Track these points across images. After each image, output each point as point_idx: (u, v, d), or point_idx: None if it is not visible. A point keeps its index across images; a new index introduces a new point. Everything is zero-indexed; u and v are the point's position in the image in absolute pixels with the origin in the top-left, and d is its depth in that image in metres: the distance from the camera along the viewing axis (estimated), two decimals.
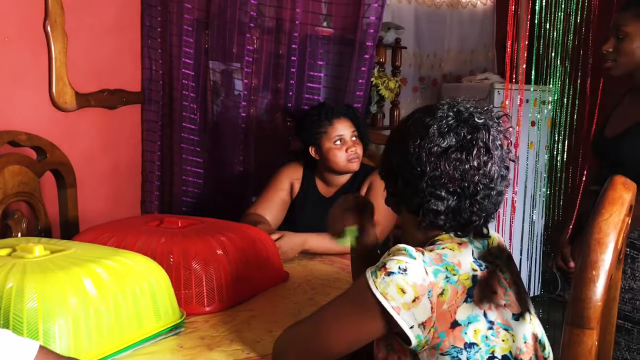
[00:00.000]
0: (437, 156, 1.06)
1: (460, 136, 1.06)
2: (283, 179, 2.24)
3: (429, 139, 1.06)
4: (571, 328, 0.81)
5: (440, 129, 1.07)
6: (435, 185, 1.06)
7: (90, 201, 2.52)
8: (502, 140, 1.10)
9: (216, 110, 2.76)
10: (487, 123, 1.08)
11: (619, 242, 0.85)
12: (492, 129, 1.08)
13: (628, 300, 1.85)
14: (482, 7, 4.54)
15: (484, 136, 1.06)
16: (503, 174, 1.09)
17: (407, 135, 1.10)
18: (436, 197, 1.06)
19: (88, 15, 2.54)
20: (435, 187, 1.06)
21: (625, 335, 1.86)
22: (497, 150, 1.08)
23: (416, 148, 1.07)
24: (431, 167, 1.06)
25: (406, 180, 1.10)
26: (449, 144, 1.06)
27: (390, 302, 0.99)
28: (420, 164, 1.07)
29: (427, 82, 4.31)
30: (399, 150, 1.11)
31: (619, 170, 1.06)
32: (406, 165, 1.09)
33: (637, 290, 1.84)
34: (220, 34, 2.67)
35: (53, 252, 1.26)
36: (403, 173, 1.10)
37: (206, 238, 1.51)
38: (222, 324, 1.38)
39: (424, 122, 1.09)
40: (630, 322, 1.85)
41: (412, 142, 1.08)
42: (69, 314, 1.10)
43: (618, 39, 1.83)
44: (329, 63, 2.66)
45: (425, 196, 1.07)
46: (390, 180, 1.15)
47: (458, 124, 1.07)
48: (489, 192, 1.07)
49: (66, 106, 2.46)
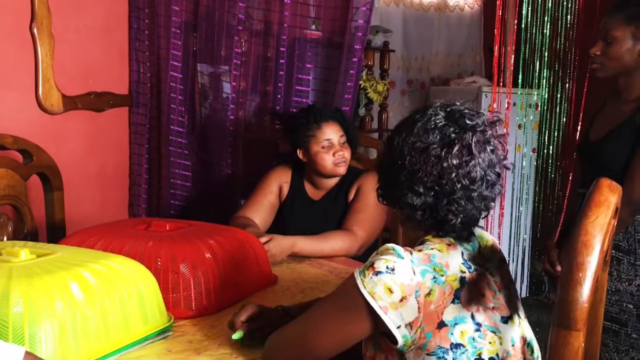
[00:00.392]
0: (418, 151, 1.07)
1: (445, 134, 1.06)
2: (271, 182, 2.24)
3: (414, 134, 1.08)
4: (558, 329, 0.82)
5: (425, 125, 1.08)
6: (413, 180, 1.07)
7: (77, 204, 2.50)
8: (497, 145, 1.10)
9: (204, 113, 2.76)
10: (477, 125, 1.07)
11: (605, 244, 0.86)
12: (481, 132, 1.08)
13: (615, 302, 1.87)
14: (469, 10, 4.56)
15: (469, 137, 1.06)
16: (490, 178, 1.08)
17: (395, 131, 1.13)
18: (413, 191, 1.07)
19: (75, 18, 2.53)
20: (412, 182, 1.07)
21: (613, 337, 1.88)
22: (483, 153, 1.07)
23: (400, 142, 1.09)
24: (410, 161, 1.07)
25: (388, 173, 1.13)
26: (432, 140, 1.06)
27: (377, 302, 1.00)
28: (402, 157, 1.08)
29: (416, 85, 4.33)
30: (386, 144, 1.14)
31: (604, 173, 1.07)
32: (389, 158, 1.11)
33: (623, 292, 1.86)
34: (209, 37, 2.66)
35: (39, 256, 1.25)
36: (386, 166, 1.13)
37: (194, 241, 1.51)
38: (210, 327, 1.37)
39: (413, 118, 1.11)
40: (617, 324, 1.87)
41: (398, 136, 1.10)
42: (55, 318, 1.09)
43: (606, 43, 1.85)
44: (317, 66, 2.66)
45: (403, 189, 1.08)
46: (379, 175, 1.17)
47: (446, 123, 1.07)
48: (469, 194, 1.06)
49: (53, 109, 2.44)
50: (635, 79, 1.87)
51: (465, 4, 4.53)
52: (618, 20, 1.83)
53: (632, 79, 1.87)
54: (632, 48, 1.82)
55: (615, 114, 1.91)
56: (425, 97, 4.28)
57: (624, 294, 1.85)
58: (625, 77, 1.88)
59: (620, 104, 1.91)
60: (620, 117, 1.87)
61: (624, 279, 1.86)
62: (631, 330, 1.85)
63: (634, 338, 1.85)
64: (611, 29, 1.84)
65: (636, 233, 1.85)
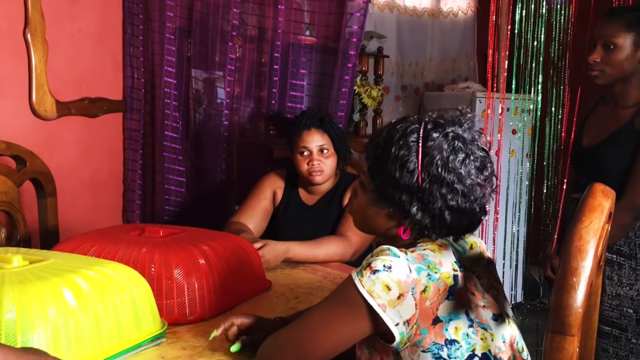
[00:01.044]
0: (438, 177, 1.06)
1: (450, 149, 1.07)
2: (265, 187, 2.24)
3: (430, 159, 1.07)
4: (553, 335, 0.82)
5: (441, 153, 1.07)
6: (424, 199, 1.07)
7: (70, 210, 2.49)
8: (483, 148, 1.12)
9: (199, 119, 2.76)
10: (475, 138, 1.10)
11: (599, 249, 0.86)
12: (478, 142, 1.11)
13: (615, 307, 1.87)
14: (463, 16, 4.58)
15: (468, 148, 1.09)
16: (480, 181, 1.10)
17: (404, 158, 1.09)
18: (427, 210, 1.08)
19: (69, 24, 2.53)
20: (424, 201, 1.07)
21: (613, 342, 1.88)
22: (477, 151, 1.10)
23: (416, 172, 1.07)
24: (431, 178, 1.06)
25: (394, 197, 1.10)
26: (452, 166, 1.07)
27: (376, 300, 1.01)
28: (411, 178, 1.07)
29: (410, 91, 4.34)
30: (384, 167, 1.10)
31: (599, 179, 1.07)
32: (394, 183, 1.09)
33: (623, 296, 1.86)
34: (203, 43, 2.67)
35: (32, 263, 1.24)
36: (392, 190, 1.10)
37: (188, 247, 1.50)
38: (204, 333, 1.37)
39: (406, 140, 1.09)
40: (617, 329, 1.87)
41: (411, 159, 1.08)
42: (48, 324, 1.08)
43: (606, 50, 1.82)
44: (311, 72, 2.67)
45: (418, 210, 1.08)
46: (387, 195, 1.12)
47: (454, 147, 1.08)
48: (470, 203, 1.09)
49: (46, 114, 2.44)
50: (632, 84, 1.86)
51: (459, 10, 4.56)
52: (618, 26, 1.81)
53: (629, 85, 1.86)
54: (632, 55, 1.81)
55: (610, 119, 1.91)
56: (420, 102, 4.29)
57: (625, 298, 1.86)
58: (622, 83, 1.87)
59: (616, 109, 1.91)
60: (618, 123, 1.87)
61: (624, 283, 1.86)
62: (631, 335, 1.85)
63: (634, 343, 1.85)
64: (611, 36, 1.81)
65: (636, 238, 1.85)
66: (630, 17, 1.81)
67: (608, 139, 1.88)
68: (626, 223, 1.81)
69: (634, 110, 1.85)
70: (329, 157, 2.12)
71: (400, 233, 1.13)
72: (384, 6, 4.04)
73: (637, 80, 1.86)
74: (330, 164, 2.12)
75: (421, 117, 1.13)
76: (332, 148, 2.13)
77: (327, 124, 2.14)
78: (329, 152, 2.12)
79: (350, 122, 3.31)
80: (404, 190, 1.08)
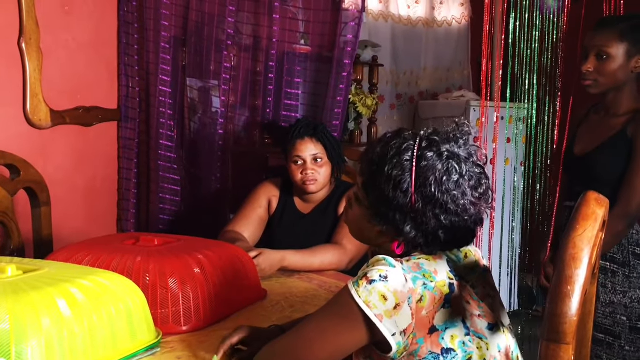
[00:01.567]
0: (431, 198, 1.07)
1: (442, 166, 1.08)
2: (261, 196, 2.23)
3: (424, 180, 1.07)
4: (547, 343, 0.82)
5: (421, 161, 1.08)
6: (417, 215, 1.08)
7: (64, 220, 2.48)
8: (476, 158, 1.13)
9: (194, 128, 2.76)
10: (471, 155, 1.11)
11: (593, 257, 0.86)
12: (474, 158, 1.11)
13: (609, 314, 1.87)
14: (457, 25, 4.61)
15: (462, 166, 1.09)
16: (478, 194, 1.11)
17: (380, 169, 1.10)
18: (420, 225, 1.08)
19: (64, 32, 2.53)
20: (417, 216, 1.08)
21: (607, 350, 1.88)
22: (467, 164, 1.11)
23: (396, 179, 1.08)
24: (415, 197, 1.07)
25: (387, 213, 1.10)
26: (446, 187, 1.07)
27: (372, 310, 1.00)
28: (405, 194, 1.08)
29: (404, 100, 4.35)
30: (378, 183, 1.11)
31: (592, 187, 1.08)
32: (385, 199, 1.09)
33: (617, 304, 1.86)
34: (198, 52, 2.67)
35: (26, 272, 1.23)
36: (384, 206, 1.10)
37: (183, 256, 1.50)
38: (198, 343, 1.36)
39: (400, 156, 1.09)
40: (611, 336, 1.87)
41: (405, 179, 1.08)
42: (42, 335, 1.08)
43: (599, 59, 1.83)
44: (306, 80, 2.68)
45: (410, 225, 1.09)
46: (379, 210, 1.13)
47: (448, 168, 1.08)
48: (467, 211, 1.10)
49: (41, 123, 2.43)
50: (624, 93, 1.87)
51: (453, 20, 4.58)
52: (611, 36, 1.81)
53: (621, 94, 1.87)
54: (625, 64, 1.82)
55: (602, 127, 1.92)
56: (414, 111, 4.30)
57: (618, 306, 1.86)
58: (615, 92, 1.88)
59: (607, 117, 1.92)
60: (610, 131, 1.88)
61: (618, 291, 1.86)
62: (624, 343, 1.86)
63: (627, 350, 1.86)
64: (604, 46, 1.81)
65: (630, 245, 1.86)
66: (623, 27, 1.82)
67: (600, 147, 1.89)
68: (619, 231, 1.81)
69: (625, 118, 1.86)
70: (322, 166, 2.12)
71: (394, 248, 1.13)
72: (378, 15, 4.06)
73: (629, 89, 1.87)
74: (324, 173, 2.12)
75: (416, 132, 1.13)
76: (325, 157, 2.13)
77: (320, 133, 2.14)
78: (322, 161, 2.12)
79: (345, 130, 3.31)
80: (397, 210, 1.09)
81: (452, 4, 4.55)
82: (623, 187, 1.81)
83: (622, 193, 1.80)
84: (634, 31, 1.81)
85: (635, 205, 1.80)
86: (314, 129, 2.14)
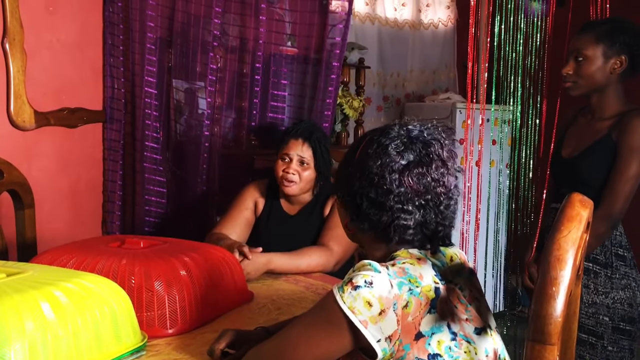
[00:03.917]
0: (400, 172, 1.09)
1: (416, 152, 1.11)
2: (247, 198, 2.23)
3: (389, 157, 1.10)
4: (533, 344, 0.82)
5: (397, 147, 1.11)
6: (402, 201, 1.09)
7: (49, 222, 2.46)
8: (450, 152, 1.15)
9: (179, 129, 2.74)
10: (435, 137, 1.13)
11: (577, 259, 0.87)
12: (442, 142, 1.13)
13: (591, 315, 1.89)
14: (443, 28, 4.63)
15: (436, 150, 1.12)
16: (456, 183, 1.14)
17: (365, 157, 1.13)
18: (405, 212, 1.10)
19: (48, 33, 2.51)
20: (402, 203, 1.09)
21: (589, 350, 1.90)
22: (449, 161, 1.13)
23: (378, 168, 1.11)
24: (396, 184, 1.09)
25: (372, 201, 1.11)
26: (408, 160, 1.10)
27: (357, 316, 1.00)
28: (385, 183, 1.09)
29: (391, 102, 4.36)
30: (360, 172, 1.13)
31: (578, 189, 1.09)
32: (370, 186, 1.11)
33: (599, 304, 1.88)
34: (184, 53, 2.66)
35: (9, 275, 1.22)
36: (367, 194, 1.12)
37: (169, 259, 1.49)
38: (184, 346, 1.35)
39: (381, 142, 1.12)
40: (594, 337, 1.89)
41: (373, 162, 1.11)
42: (26, 338, 1.06)
43: (577, 62, 1.88)
44: (293, 82, 2.68)
45: (394, 213, 1.10)
46: (353, 204, 1.15)
47: (411, 141, 1.12)
48: (448, 202, 1.12)
49: (25, 125, 2.41)
50: (608, 97, 1.90)
51: (439, 22, 4.60)
52: (588, 39, 1.87)
53: (605, 97, 1.90)
54: (602, 66, 1.86)
55: (588, 131, 1.95)
56: (401, 113, 4.32)
57: (601, 306, 1.88)
58: (598, 95, 1.91)
59: (593, 121, 1.95)
60: (595, 135, 1.91)
61: (600, 291, 1.89)
62: (607, 343, 1.88)
63: (610, 350, 1.88)
64: (582, 48, 1.87)
65: (613, 247, 1.89)
66: (600, 30, 1.87)
67: (586, 151, 1.92)
68: (601, 233, 1.84)
69: (611, 122, 1.89)
70: (306, 170, 2.11)
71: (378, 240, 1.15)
72: (365, 18, 4.07)
73: (612, 93, 1.90)
74: (305, 178, 2.12)
75: (383, 126, 1.18)
76: (312, 163, 2.12)
77: (314, 140, 2.12)
78: (308, 165, 2.11)
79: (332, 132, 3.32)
80: (362, 195, 1.12)
81: (438, 7, 4.58)
82: (606, 189, 1.84)
83: (605, 195, 1.83)
84: (611, 33, 1.85)
85: (618, 208, 1.83)
86: (309, 133, 2.13)
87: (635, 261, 1.93)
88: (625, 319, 1.88)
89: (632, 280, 1.89)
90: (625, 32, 1.86)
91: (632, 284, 1.89)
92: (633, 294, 1.89)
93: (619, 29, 1.86)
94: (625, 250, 1.91)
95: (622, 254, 1.90)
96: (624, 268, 1.89)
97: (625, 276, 1.89)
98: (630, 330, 1.89)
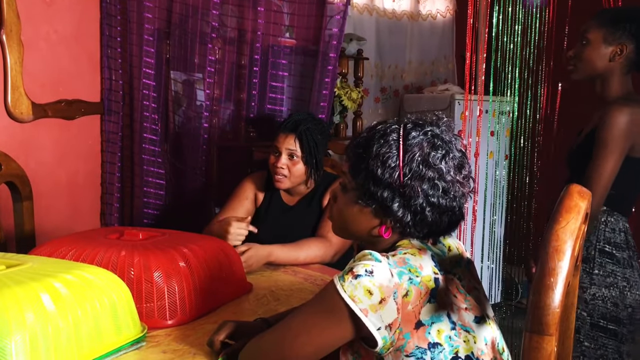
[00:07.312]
0: (419, 173, 1.09)
1: (453, 152, 1.11)
2: (246, 189, 2.23)
3: (411, 155, 1.09)
4: (530, 334, 0.83)
5: (405, 145, 1.10)
6: (407, 198, 1.10)
7: (47, 214, 2.46)
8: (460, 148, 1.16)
9: (178, 121, 2.74)
10: (452, 140, 1.13)
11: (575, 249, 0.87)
12: (456, 144, 1.14)
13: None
14: (441, 19, 4.62)
15: (459, 147, 1.13)
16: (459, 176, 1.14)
17: (366, 155, 1.12)
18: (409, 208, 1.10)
19: (45, 25, 2.49)
20: (408, 200, 1.10)
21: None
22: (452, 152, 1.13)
23: (384, 165, 1.10)
24: (405, 180, 1.09)
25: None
26: (432, 162, 1.09)
27: (358, 305, 1.01)
28: (392, 179, 1.09)
29: (389, 93, 4.36)
30: (365, 170, 1.12)
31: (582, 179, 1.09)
32: (375, 186, 1.11)
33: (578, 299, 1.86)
34: (182, 44, 2.65)
35: (9, 267, 1.22)
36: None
37: (168, 250, 1.49)
38: (184, 337, 1.36)
39: (386, 140, 1.11)
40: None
41: (392, 155, 1.10)
42: (26, 330, 1.07)
43: (582, 45, 1.88)
44: (291, 74, 2.67)
45: (400, 209, 1.10)
46: (370, 189, 1.13)
47: (445, 143, 1.11)
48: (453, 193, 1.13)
49: (22, 117, 2.40)
50: (609, 86, 1.87)
51: (438, 13, 4.59)
52: (593, 22, 1.87)
53: (607, 86, 1.87)
54: (603, 51, 1.84)
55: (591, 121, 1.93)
56: (399, 104, 4.31)
57: (579, 300, 1.85)
58: (601, 82, 1.89)
59: (596, 110, 1.92)
60: (593, 125, 1.89)
61: (579, 286, 1.87)
62: (583, 338, 1.85)
63: (586, 346, 1.85)
64: (585, 31, 1.87)
65: (597, 242, 1.85)
66: (605, 15, 1.87)
67: (582, 141, 1.91)
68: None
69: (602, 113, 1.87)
70: (296, 164, 2.12)
71: (381, 232, 1.14)
72: (363, 9, 4.06)
73: (615, 82, 1.86)
74: (295, 171, 2.12)
75: (400, 119, 1.16)
76: (300, 157, 2.12)
77: (302, 133, 2.10)
78: (297, 159, 2.12)
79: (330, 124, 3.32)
80: (386, 187, 1.10)
81: None
82: (583, 183, 1.81)
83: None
84: (614, 19, 1.84)
85: (595, 204, 1.75)
86: (296, 126, 2.12)
87: (634, 262, 1.86)
88: (607, 317, 1.83)
89: (622, 280, 1.84)
90: (631, 20, 1.82)
91: (620, 283, 1.84)
92: (621, 294, 1.83)
93: (625, 16, 1.84)
94: (616, 248, 1.85)
95: (610, 251, 1.85)
96: (612, 266, 1.84)
97: (611, 274, 1.84)
98: (614, 330, 1.83)
